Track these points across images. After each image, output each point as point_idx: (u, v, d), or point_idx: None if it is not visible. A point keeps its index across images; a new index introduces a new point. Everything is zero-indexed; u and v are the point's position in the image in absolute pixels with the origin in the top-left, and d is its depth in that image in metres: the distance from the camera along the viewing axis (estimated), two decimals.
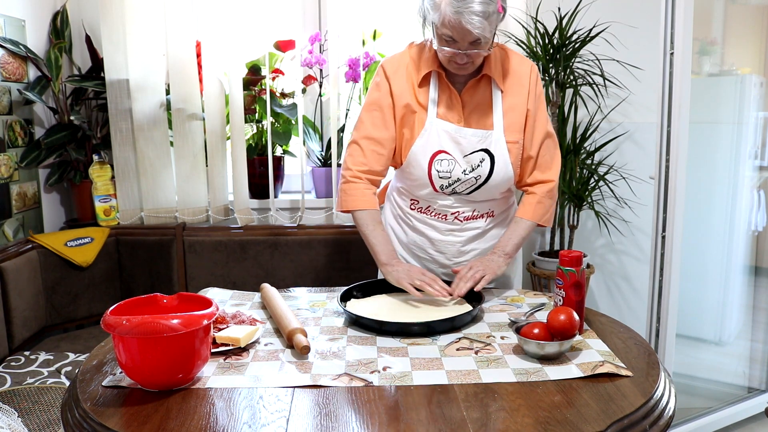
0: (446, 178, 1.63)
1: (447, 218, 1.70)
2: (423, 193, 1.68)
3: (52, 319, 2.39)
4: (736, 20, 2.94)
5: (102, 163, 2.58)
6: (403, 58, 1.66)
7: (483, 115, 1.62)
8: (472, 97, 1.63)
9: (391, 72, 1.64)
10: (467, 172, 1.62)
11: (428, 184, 1.64)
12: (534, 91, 1.65)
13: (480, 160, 1.61)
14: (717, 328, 2.88)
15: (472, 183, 1.63)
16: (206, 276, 2.54)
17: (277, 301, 1.50)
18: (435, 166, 1.62)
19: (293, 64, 2.65)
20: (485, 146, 1.61)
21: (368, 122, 1.65)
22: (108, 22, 2.47)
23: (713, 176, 2.79)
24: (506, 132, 1.62)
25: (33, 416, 1.74)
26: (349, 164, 1.67)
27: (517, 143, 1.63)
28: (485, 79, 1.63)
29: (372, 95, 1.66)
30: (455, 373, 1.18)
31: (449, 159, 1.61)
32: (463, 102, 1.62)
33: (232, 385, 1.15)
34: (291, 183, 2.84)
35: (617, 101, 2.64)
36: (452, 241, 1.72)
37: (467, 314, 1.43)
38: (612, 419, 1.01)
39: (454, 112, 1.62)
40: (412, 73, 1.63)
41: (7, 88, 2.32)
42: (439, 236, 1.73)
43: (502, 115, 1.62)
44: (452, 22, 1.44)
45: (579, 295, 1.36)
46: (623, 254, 2.80)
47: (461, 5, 1.42)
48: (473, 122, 1.62)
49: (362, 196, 1.65)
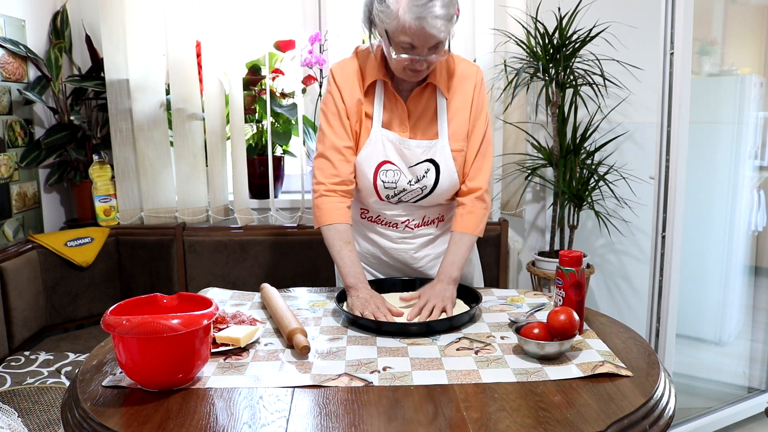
0: (392, 188, 1.62)
1: (398, 227, 1.70)
2: (371, 201, 1.68)
3: (52, 319, 2.39)
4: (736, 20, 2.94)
5: (102, 163, 2.58)
6: (351, 64, 1.63)
7: (428, 124, 1.60)
8: (417, 106, 1.60)
9: (340, 80, 1.61)
10: (412, 183, 1.61)
11: (374, 193, 1.64)
12: (478, 97, 1.62)
13: (425, 171, 1.60)
14: (717, 328, 2.88)
15: (417, 193, 1.63)
16: (206, 276, 2.54)
17: (277, 301, 1.50)
18: (380, 176, 1.60)
19: (293, 64, 2.65)
20: (430, 156, 1.59)
21: (330, 133, 1.61)
22: (108, 22, 2.47)
23: (713, 176, 2.79)
24: (451, 140, 1.60)
25: (33, 416, 1.74)
26: (321, 179, 1.62)
27: (461, 151, 1.62)
28: (430, 87, 1.60)
29: (328, 105, 1.62)
30: (455, 373, 1.18)
31: (394, 170, 1.60)
32: (409, 111, 1.60)
33: (232, 385, 1.15)
34: (291, 183, 2.84)
35: (617, 101, 2.64)
36: (405, 248, 1.72)
37: (465, 314, 1.43)
38: (612, 419, 1.01)
39: (400, 121, 1.60)
40: (359, 81, 1.60)
41: (7, 88, 2.32)
42: (391, 245, 1.72)
43: (447, 124, 1.60)
44: (413, 29, 1.40)
45: (579, 295, 1.36)
46: (623, 254, 2.80)
47: (423, 10, 1.38)
48: (419, 132, 1.60)
49: (335, 209, 1.60)
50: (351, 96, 1.60)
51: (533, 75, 2.49)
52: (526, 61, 2.48)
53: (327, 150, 1.61)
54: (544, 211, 2.85)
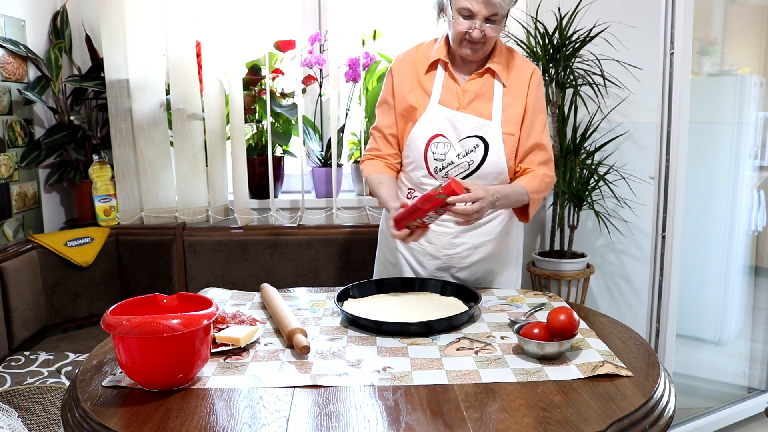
0: (440, 161, 1.68)
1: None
2: (419, 176, 1.72)
3: (52, 319, 2.39)
4: (736, 20, 2.94)
5: (102, 163, 2.58)
6: (409, 53, 1.76)
7: (482, 105, 1.68)
8: (474, 88, 1.69)
9: (396, 68, 1.76)
10: (461, 156, 1.67)
11: (423, 166, 1.70)
12: (535, 90, 1.70)
13: (474, 146, 1.66)
14: (717, 328, 2.88)
15: (464, 167, 1.68)
16: (206, 276, 2.54)
17: (277, 301, 1.50)
18: (431, 148, 1.68)
19: (293, 64, 2.65)
20: (481, 134, 1.66)
21: (379, 115, 1.81)
22: (108, 22, 2.48)
23: (713, 176, 2.79)
24: (503, 124, 1.67)
25: (33, 416, 1.74)
26: (365, 150, 1.86)
27: (513, 135, 1.68)
28: (488, 74, 1.69)
29: (383, 90, 1.80)
30: (455, 373, 1.18)
31: (445, 142, 1.67)
32: (465, 91, 1.69)
33: (232, 385, 1.15)
34: (291, 183, 2.84)
35: (617, 101, 2.64)
36: (444, 232, 1.74)
37: (464, 314, 1.43)
38: (612, 419, 1.01)
39: (455, 99, 1.69)
40: (418, 64, 1.73)
41: (7, 88, 2.32)
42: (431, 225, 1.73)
43: (501, 109, 1.67)
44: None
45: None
46: (623, 254, 2.80)
47: None
48: (472, 110, 1.68)
49: (371, 166, 1.79)
50: (402, 84, 1.73)
51: None
52: None
53: (372, 130, 1.83)
54: (544, 211, 2.84)
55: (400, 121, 1.74)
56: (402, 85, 1.73)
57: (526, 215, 1.73)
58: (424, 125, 1.68)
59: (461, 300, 1.57)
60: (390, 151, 1.79)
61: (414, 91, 1.71)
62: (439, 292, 1.64)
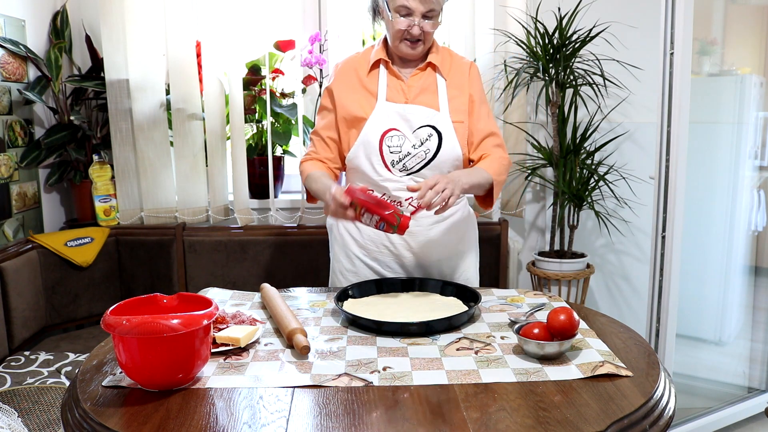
0: (396, 153, 1.71)
1: (401, 205, 1.73)
2: (376, 175, 1.71)
3: (52, 319, 2.39)
4: (736, 20, 2.94)
5: (102, 163, 2.58)
6: (348, 60, 1.83)
7: (428, 98, 1.74)
8: (418, 83, 1.75)
9: (336, 75, 1.81)
10: (416, 147, 1.70)
11: (380, 160, 1.71)
12: (476, 82, 1.78)
13: (428, 135, 1.70)
14: (717, 328, 2.88)
15: (421, 157, 1.70)
16: (206, 276, 2.54)
17: (277, 301, 1.50)
18: (386, 142, 1.71)
19: (293, 64, 2.65)
20: (432, 123, 1.71)
21: (318, 121, 1.85)
22: (108, 22, 2.48)
23: (713, 176, 2.79)
24: (452, 113, 1.73)
25: (33, 416, 1.74)
26: (304, 153, 1.89)
27: (462, 123, 1.74)
28: (430, 68, 1.76)
29: (323, 97, 1.83)
30: (455, 373, 1.18)
31: (399, 135, 1.71)
32: (410, 87, 1.75)
33: (232, 385, 1.15)
34: (291, 183, 2.84)
35: (617, 101, 2.64)
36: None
37: (464, 314, 1.43)
38: (612, 419, 1.01)
39: (401, 94, 1.74)
40: (359, 67, 1.78)
41: (7, 88, 2.32)
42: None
43: (447, 100, 1.74)
44: None
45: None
46: (623, 254, 2.81)
47: None
48: (420, 103, 1.73)
49: (311, 165, 1.80)
50: (342, 90, 1.77)
51: (533, 75, 2.49)
52: (526, 61, 2.48)
53: (312, 134, 1.86)
54: (544, 211, 2.85)
55: (342, 125, 1.76)
56: (343, 92, 1.76)
57: (489, 203, 1.76)
58: (376, 122, 1.71)
59: (461, 300, 1.57)
60: (328, 155, 1.81)
61: (357, 94, 1.75)
62: (439, 292, 1.64)
